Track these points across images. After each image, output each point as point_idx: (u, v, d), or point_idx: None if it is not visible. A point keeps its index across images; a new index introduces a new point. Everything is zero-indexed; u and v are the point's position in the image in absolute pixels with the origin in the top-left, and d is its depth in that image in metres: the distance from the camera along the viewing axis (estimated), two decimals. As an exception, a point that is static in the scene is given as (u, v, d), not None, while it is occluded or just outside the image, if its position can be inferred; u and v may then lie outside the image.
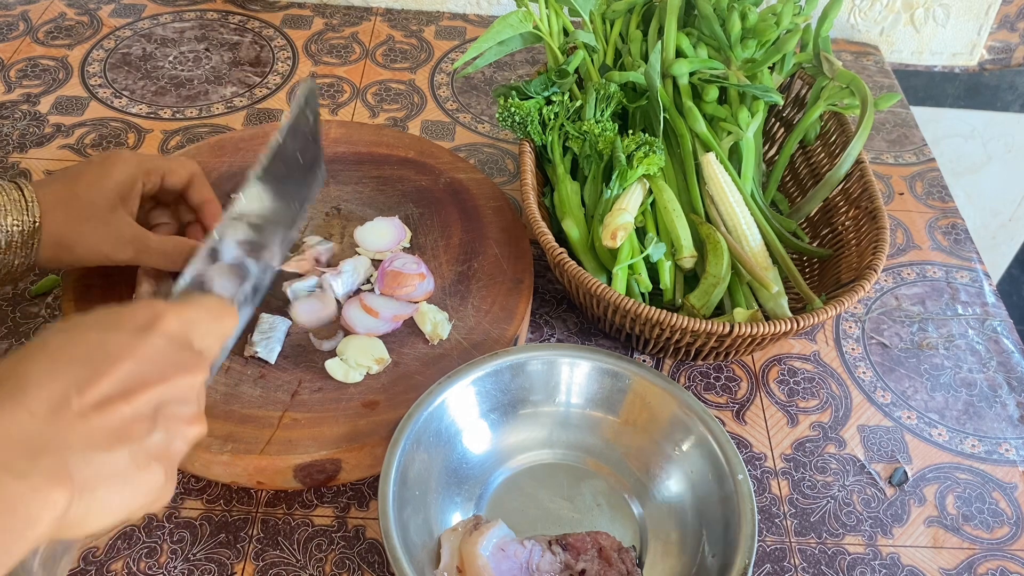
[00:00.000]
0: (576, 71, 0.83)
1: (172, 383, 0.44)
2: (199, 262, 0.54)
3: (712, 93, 0.79)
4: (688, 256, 0.73)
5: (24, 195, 0.63)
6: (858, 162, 0.78)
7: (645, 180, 0.76)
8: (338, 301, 0.72)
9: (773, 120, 0.90)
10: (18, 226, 0.63)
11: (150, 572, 0.61)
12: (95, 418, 0.41)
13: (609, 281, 0.72)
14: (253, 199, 0.60)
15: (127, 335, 0.44)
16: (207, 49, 1.07)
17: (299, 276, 0.73)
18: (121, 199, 0.66)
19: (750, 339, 0.67)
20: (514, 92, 0.80)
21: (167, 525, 0.63)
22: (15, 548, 0.38)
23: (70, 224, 0.64)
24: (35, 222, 0.63)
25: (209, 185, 0.71)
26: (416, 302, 0.73)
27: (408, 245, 0.78)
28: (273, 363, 0.68)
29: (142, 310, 0.46)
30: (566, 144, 0.79)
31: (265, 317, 0.70)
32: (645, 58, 0.82)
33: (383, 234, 0.78)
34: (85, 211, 0.64)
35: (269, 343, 0.69)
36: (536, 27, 0.83)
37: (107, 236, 0.65)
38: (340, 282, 0.72)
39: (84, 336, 0.44)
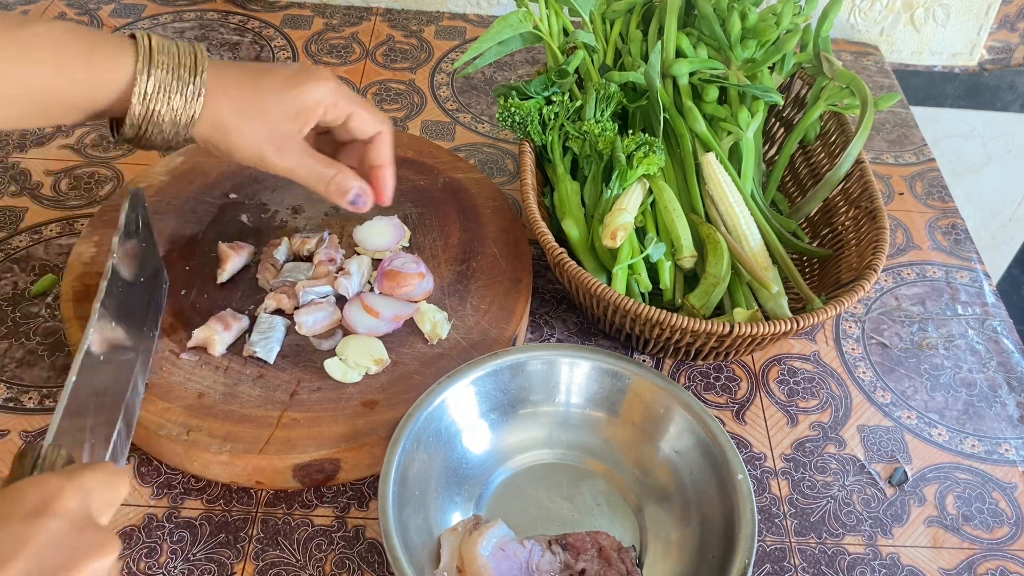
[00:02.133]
0: (576, 71, 0.83)
1: (79, 571, 0.38)
2: (57, 418, 0.48)
3: (712, 93, 0.79)
4: (688, 256, 0.73)
5: (196, 60, 0.58)
6: (858, 162, 0.78)
7: (645, 180, 0.76)
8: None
9: (773, 120, 0.90)
10: (173, 88, 0.58)
11: (150, 572, 0.61)
12: None
13: (609, 281, 0.72)
14: (102, 333, 0.56)
15: (18, 526, 0.38)
16: (207, 49, 1.07)
17: (313, 279, 0.73)
18: (299, 114, 0.61)
19: (750, 339, 0.67)
20: (514, 92, 0.80)
21: (167, 525, 0.63)
22: None
23: (236, 116, 0.59)
24: (196, 93, 0.58)
25: (391, 150, 0.66)
26: (415, 301, 0.73)
27: (407, 244, 0.78)
28: (272, 363, 0.68)
29: (29, 491, 0.40)
30: (566, 144, 0.79)
31: (264, 317, 0.70)
32: (645, 58, 0.82)
33: (383, 233, 0.78)
34: (259, 109, 0.60)
35: (268, 343, 0.68)
36: (536, 27, 0.83)
37: (271, 138, 0.60)
38: (350, 285, 0.72)
39: None
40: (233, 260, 0.74)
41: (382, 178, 0.65)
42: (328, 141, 0.67)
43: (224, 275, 0.73)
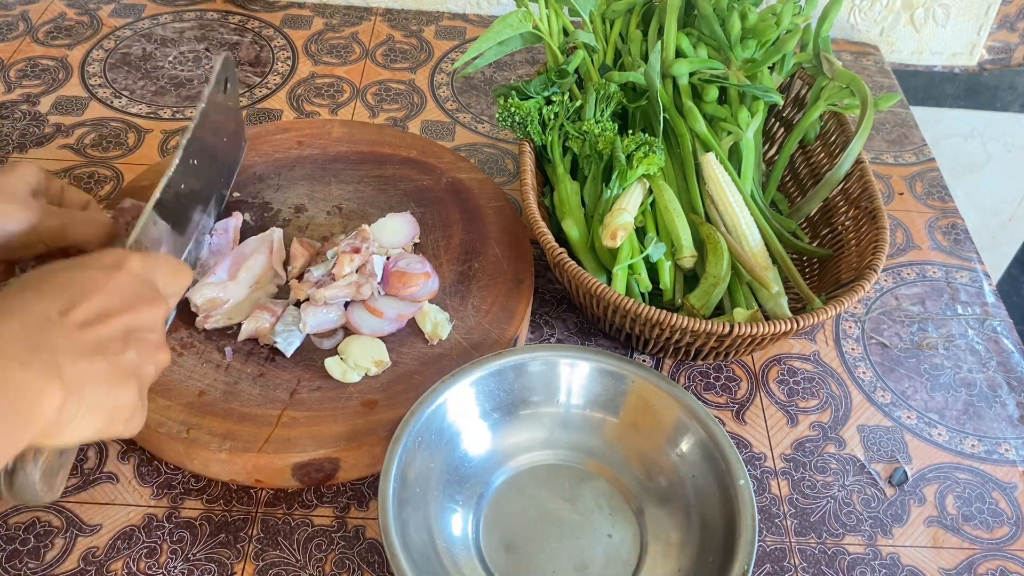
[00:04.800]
0: (576, 71, 0.83)
1: (138, 313, 0.50)
2: (140, 226, 0.61)
3: (712, 93, 0.79)
4: (688, 256, 0.73)
5: None
6: (858, 162, 0.78)
7: (645, 180, 0.76)
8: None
9: (773, 120, 0.90)
10: None
11: (150, 572, 0.61)
12: (77, 334, 0.47)
13: (609, 281, 0.72)
14: (181, 170, 0.67)
15: (97, 272, 0.50)
16: (207, 49, 1.07)
17: (332, 279, 0.72)
18: (30, 191, 0.63)
19: (750, 339, 0.67)
20: (514, 92, 0.80)
21: (167, 525, 0.63)
22: (22, 433, 0.43)
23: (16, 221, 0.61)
24: None
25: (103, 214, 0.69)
26: (420, 301, 0.73)
27: (418, 241, 0.78)
28: (288, 356, 0.68)
29: (109, 254, 0.52)
30: (566, 144, 0.79)
31: (292, 310, 0.70)
32: (645, 58, 0.82)
33: (396, 231, 0.78)
34: (2, 192, 0.61)
35: (290, 336, 0.69)
36: (536, 27, 0.83)
37: (33, 210, 0.61)
38: (369, 287, 0.72)
39: (58, 274, 0.49)
40: (301, 260, 0.74)
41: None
42: None
43: (295, 272, 0.74)
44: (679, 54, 0.81)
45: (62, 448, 0.51)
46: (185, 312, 0.71)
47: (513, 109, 0.78)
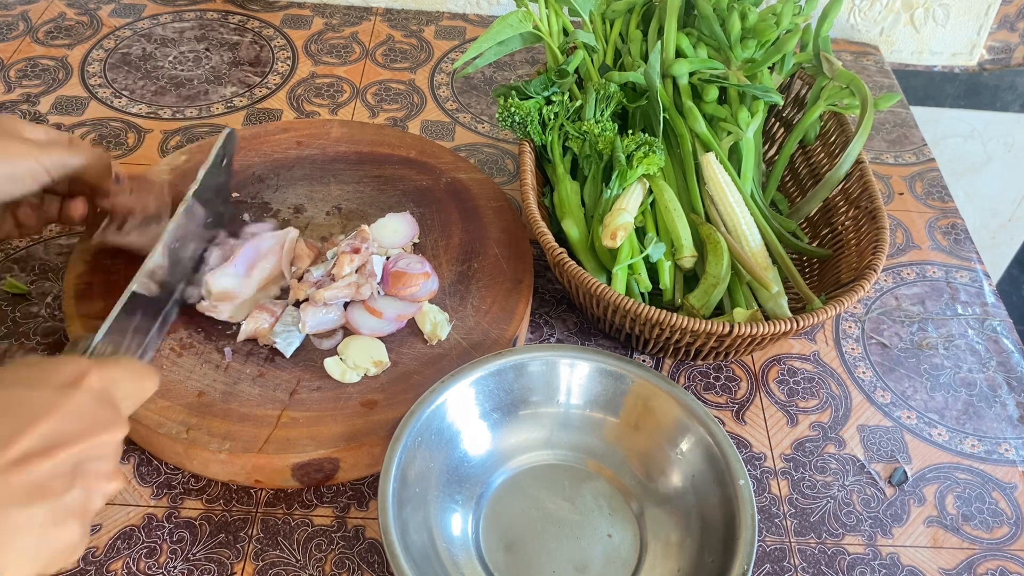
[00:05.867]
0: (576, 71, 0.83)
1: (92, 441, 0.45)
2: (112, 319, 0.58)
3: (712, 93, 0.79)
4: (688, 256, 0.73)
5: None
6: (858, 162, 0.78)
7: (645, 180, 0.76)
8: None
9: (773, 120, 0.90)
10: None
11: (150, 572, 0.61)
12: (15, 474, 0.42)
13: (609, 281, 0.72)
14: (165, 250, 0.65)
15: (51, 392, 0.45)
16: (207, 49, 1.07)
17: (332, 279, 0.72)
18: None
19: (750, 339, 0.67)
20: (514, 92, 0.80)
21: (167, 525, 0.63)
22: None
23: None
24: None
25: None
26: (420, 301, 0.73)
27: (417, 241, 0.78)
28: (288, 356, 0.68)
29: (67, 366, 0.47)
30: (566, 144, 0.79)
31: (291, 310, 0.70)
32: (645, 58, 0.82)
33: (396, 230, 0.78)
34: (5, 135, 0.63)
35: (290, 336, 0.69)
36: (536, 27, 0.83)
37: (35, 146, 0.63)
38: (369, 287, 0.72)
39: (8, 393, 0.45)
40: (305, 261, 0.74)
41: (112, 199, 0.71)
42: None
43: (298, 273, 0.74)
44: (679, 54, 0.81)
45: None
46: (185, 312, 0.71)
47: (513, 109, 0.78)
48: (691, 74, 0.80)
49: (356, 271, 0.72)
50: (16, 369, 0.48)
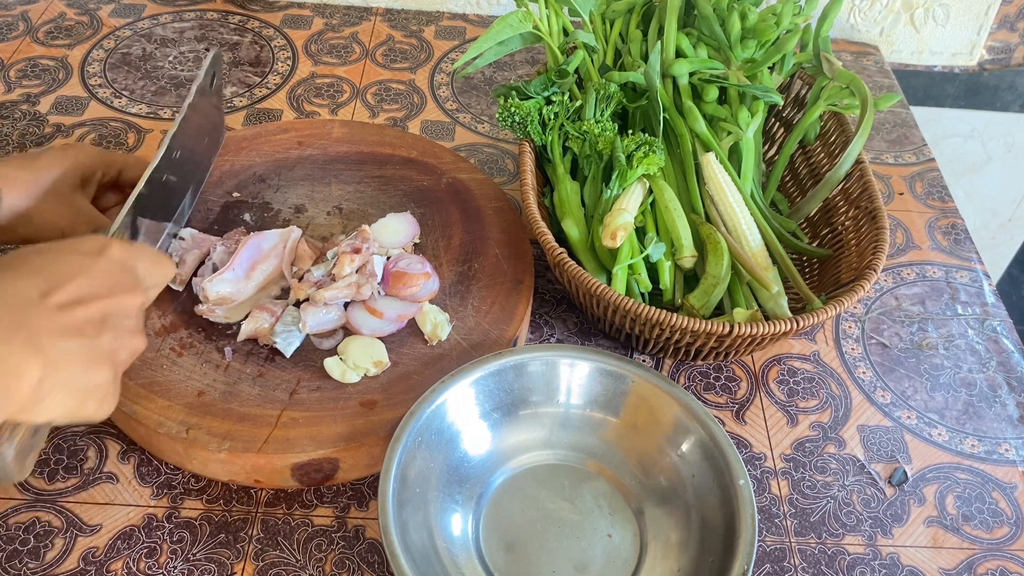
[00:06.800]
0: (576, 71, 0.83)
1: (117, 299, 0.51)
2: (122, 216, 0.63)
3: (712, 93, 0.79)
4: (688, 256, 0.73)
5: None
6: (858, 162, 0.78)
7: (645, 180, 0.76)
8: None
9: (773, 120, 0.90)
10: None
11: (150, 572, 0.61)
12: (57, 315, 0.48)
13: (609, 281, 0.72)
14: (164, 161, 0.69)
15: (79, 256, 0.51)
16: (207, 49, 1.07)
17: (332, 280, 0.72)
18: (81, 182, 0.71)
19: (750, 339, 0.67)
20: (514, 92, 0.80)
21: (167, 525, 0.63)
22: (2, 404, 0.44)
23: (31, 198, 0.67)
24: None
25: None
26: (420, 302, 0.73)
27: (418, 241, 0.78)
28: (288, 356, 0.68)
29: (91, 240, 0.53)
30: (566, 144, 0.79)
31: (292, 310, 0.70)
32: (645, 58, 0.82)
33: (397, 231, 0.78)
34: (46, 188, 0.68)
35: (290, 336, 0.69)
36: (536, 27, 0.83)
37: (66, 213, 0.68)
38: (369, 287, 0.72)
39: (40, 256, 0.50)
40: (307, 261, 0.74)
41: None
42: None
43: (299, 273, 0.74)
44: (679, 54, 0.81)
45: (35, 428, 0.52)
46: (186, 312, 0.71)
47: (513, 109, 0.78)
48: (691, 74, 0.80)
49: (357, 271, 0.72)
50: (43, 244, 0.52)
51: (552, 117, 0.79)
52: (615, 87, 0.79)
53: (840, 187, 0.80)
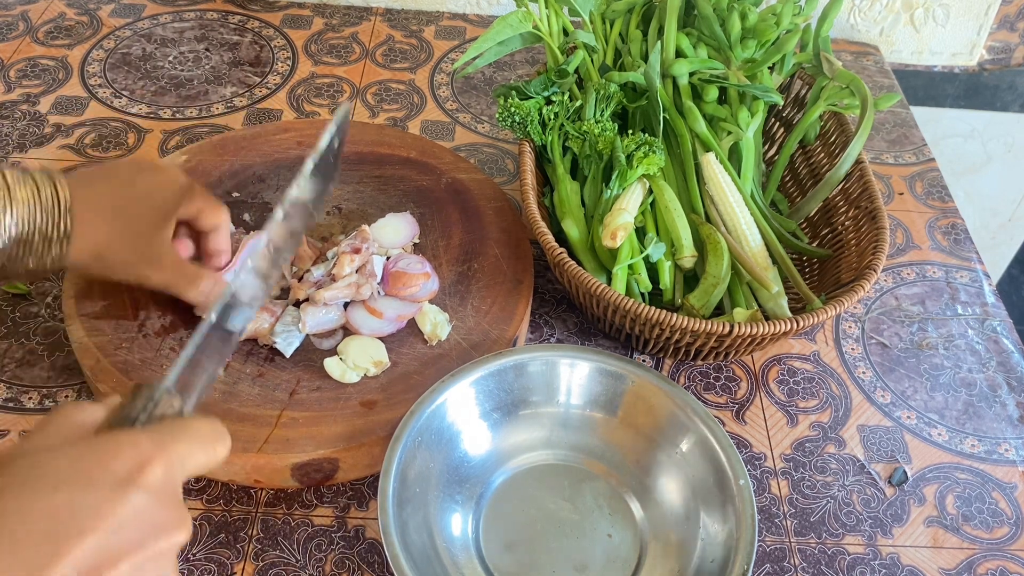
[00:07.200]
0: (576, 71, 0.83)
1: (150, 549, 0.38)
2: (183, 360, 0.46)
3: (712, 93, 0.79)
4: (688, 256, 0.73)
5: (58, 193, 0.58)
6: (858, 162, 0.78)
7: (645, 180, 0.76)
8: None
9: (773, 120, 0.90)
10: (39, 226, 0.57)
11: (149, 572, 0.61)
12: None
13: (609, 281, 0.72)
14: (276, 235, 0.54)
15: (103, 494, 0.37)
16: (207, 49, 1.07)
17: (332, 279, 0.72)
18: (164, 220, 0.63)
19: (750, 339, 0.67)
20: (514, 92, 0.80)
21: (167, 525, 0.63)
22: None
23: (113, 234, 0.61)
24: (65, 228, 0.58)
25: (228, 237, 0.70)
26: (420, 302, 0.73)
27: (417, 241, 0.78)
28: (288, 356, 0.68)
29: (125, 455, 0.38)
30: (566, 144, 0.79)
31: (291, 310, 0.70)
32: (645, 58, 0.82)
33: (397, 230, 0.78)
34: (133, 224, 0.61)
35: (290, 336, 0.69)
36: (536, 27, 0.83)
37: (148, 255, 0.62)
38: (369, 287, 0.72)
39: (49, 499, 0.36)
40: (307, 261, 0.74)
41: (217, 263, 0.70)
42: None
43: (299, 273, 0.74)
44: (679, 54, 0.81)
45: None
46: (186, 311, 0.71)
47: (513, 109, 0.78)
48: (691, 74, 0.80)
49: (356, 271, 0.72)
50: (61, 453, 0.38)
51: (552, 117, 0.79)
52: (615, 87, 0.79)
53: (840, 187, 0.80)
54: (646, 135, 0.76)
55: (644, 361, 0.76)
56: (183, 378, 0.46)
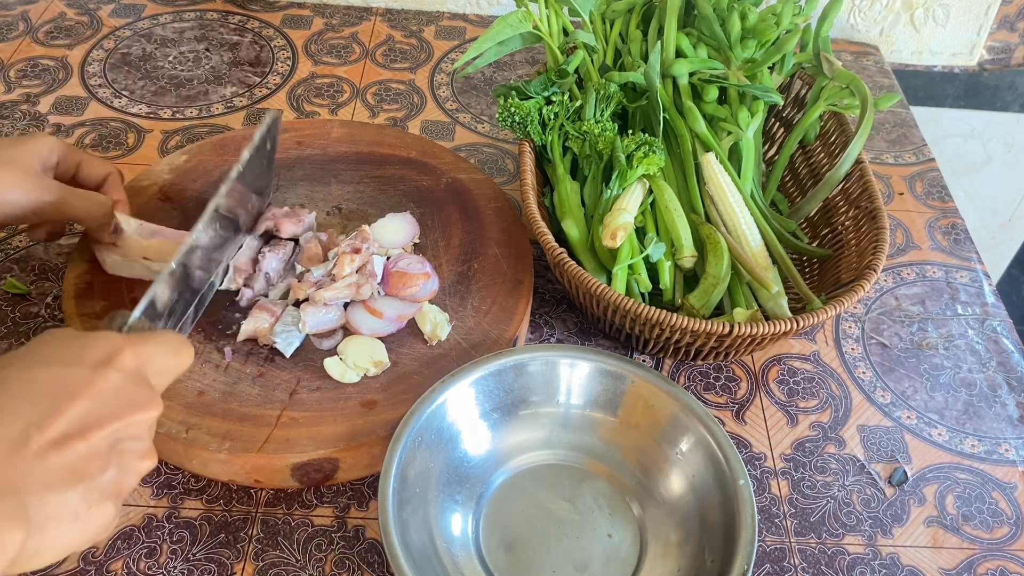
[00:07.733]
0: (576, 71, 0.83)
1: (127, 420, 0.46)
2: (155, 287, 0.55)
3: (712, 93, 0.79)
4: (688, 256, 0.73)
5: None
6: (858, 162, 0.78)
7: (645, 180, 0.76)
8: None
9: (773, 120, 0.90)
10: None
11: (150, 572, 0.61)
12: (53, 457, 0.42)
13: (609, 281, 0.72)
14: (208, 227, 0.63)
15: (85, 371, 0.45)
16: (207, 49, 1.07)
17: (332, 279, 0.72)
18: (40, 165, 0.67)
19: (750, 339, 0.67)
20: (514, 92, 0.80)
21: (167, 525, 0.63)
22: None
23: (5, 179, 0.64)
24: None
25: (123, 188, 0.74)
26: (420, 302, 0.73)
27: (418, 241, 0.78)
28: (288, 356, 0.68)
29: (100, 344, 0.47)
30: (566, 144, 0.79)
31: (291, 310, 0.70)
32: (645, 58, 0.82)
33: (397, 230, 0.78)
34: (8, 165, 0.65)
35: (290, 336, 0.69)
36: (536, 27, 0.83)
37: (33, 185, 0.66)
38: (369, 287, 0.72)
39: (44, 372, 0.45)
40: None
41: (122, 209, 0.72)
42: None
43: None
44: (679, 54, 0.81)
45: None
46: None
47: (513, 109, 0.78)
48: (691, 74, 0.80)
49: (356, 271, 0.72)
50: (49, 343, 0.47)
51: (552, 117, 0.79)
52: (615, 87, 0.79)
53: (840, 187, 0.80)
54: (646, 135, 0.76)
55: (644, 361, 0.76)
56: (149, 313, 0.55)
